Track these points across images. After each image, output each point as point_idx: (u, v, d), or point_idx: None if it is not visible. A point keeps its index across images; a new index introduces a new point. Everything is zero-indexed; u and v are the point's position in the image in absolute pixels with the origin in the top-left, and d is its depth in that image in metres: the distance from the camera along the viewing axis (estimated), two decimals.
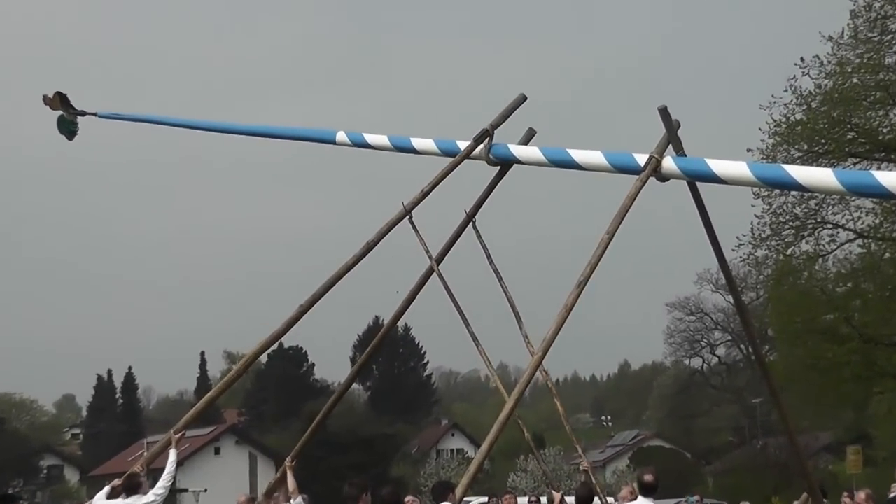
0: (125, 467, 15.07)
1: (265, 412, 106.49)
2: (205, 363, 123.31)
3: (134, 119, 20.04)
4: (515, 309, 14.02)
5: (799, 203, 42.07)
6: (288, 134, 18.01)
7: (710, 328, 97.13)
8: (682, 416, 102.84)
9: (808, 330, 43.89)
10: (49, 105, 19.09)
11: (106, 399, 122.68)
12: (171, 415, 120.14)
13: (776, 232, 42.64)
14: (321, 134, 16.54)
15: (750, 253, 43.15)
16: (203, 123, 19.57)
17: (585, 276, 11.50)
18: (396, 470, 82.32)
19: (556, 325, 11.12)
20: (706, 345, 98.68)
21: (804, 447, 35.51)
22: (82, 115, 19.17)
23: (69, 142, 19.10)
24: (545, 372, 13.30)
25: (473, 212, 14.26)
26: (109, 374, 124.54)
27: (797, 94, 41.48)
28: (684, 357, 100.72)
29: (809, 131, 41.24)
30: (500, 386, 13.40)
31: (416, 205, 13.71)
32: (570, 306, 11.24)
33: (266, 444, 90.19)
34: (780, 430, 41.27)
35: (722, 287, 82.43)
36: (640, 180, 12.26)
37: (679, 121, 12.95)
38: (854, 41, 40.74)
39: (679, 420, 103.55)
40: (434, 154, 14.69)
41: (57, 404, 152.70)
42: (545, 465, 33.33)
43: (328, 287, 13.31)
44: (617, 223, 11.90)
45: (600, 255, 11.65)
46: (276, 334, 13.45)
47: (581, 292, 11.41)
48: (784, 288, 45.14)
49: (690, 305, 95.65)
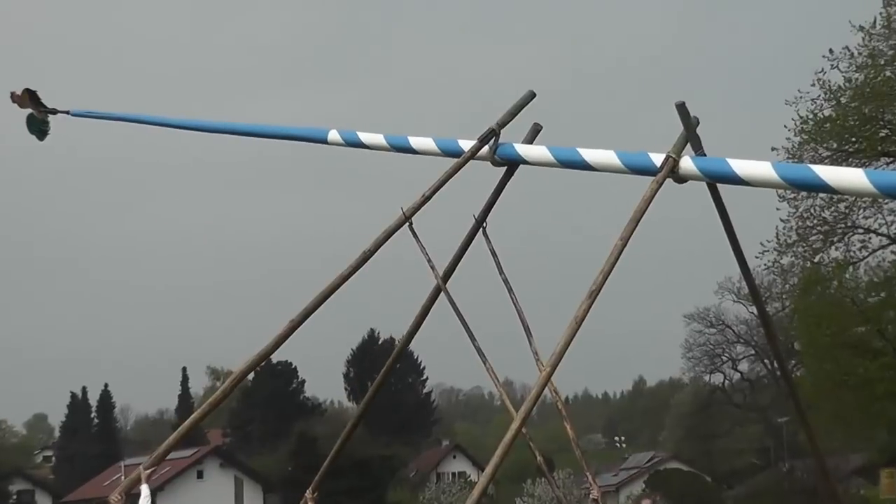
0: (101, 492, 15.04)
1: (252, 432, 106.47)
2: (187, 380, 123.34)
3: (110, 118, 19.97)
4: (525, 322, 13.97)
5: (828, 206, 42.11)
6: (275, 133, 17.98)
7: (731, 341, 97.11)
8: (701, 437, 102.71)
9: (837, 343, 43.91)
10: (17, 103, 19.05)
11: (80, 419, 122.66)
12: (151, 435, 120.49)
13: (803, 237, 42.68)
14: (311, 133, 16.51)
15: (775, 260, 43.27)
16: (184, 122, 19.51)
17: (597, 285, 11.47)
18: (394, 495, 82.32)
19: (566, 338, 11.09)
20: (727, 359, 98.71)
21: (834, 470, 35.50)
22: (53, 113, 19.12)
23: (40, 142, 19.06)
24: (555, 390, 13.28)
25: (483, 217, 14.22)
26: (84, 392, 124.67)
27: (825, 89, 41.55)
28: (704, 373, 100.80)
29: (839, 129, 41.28)
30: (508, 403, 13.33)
31: (416, 211, 13.67)
32: (580, 318, 11.21)
33: (253, 467, 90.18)
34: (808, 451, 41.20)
35: (745, 297, 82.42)
36: (656, 182, 12.23)
37: (698, 117, 12.92)
38: (888, 31, 40.75)
39: (698, 441, 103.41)
40: (434, 154, 14.66)
41: (27, 424, 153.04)
42: (557, 490, 33.26)
43: (321, 300, 13.27)
44: (631, 228, 11.88)
45: (613, 262, 11.62)
46: (264, 352, 13.38)
47: (593, 303, 11.38)
48: (812, 298, 45.16)
49: (711, 317, 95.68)
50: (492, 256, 14.21)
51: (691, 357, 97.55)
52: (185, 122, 19.35)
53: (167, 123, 19.63)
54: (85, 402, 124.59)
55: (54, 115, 19.20)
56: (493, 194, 14.29)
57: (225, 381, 14.72)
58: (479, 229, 14.24)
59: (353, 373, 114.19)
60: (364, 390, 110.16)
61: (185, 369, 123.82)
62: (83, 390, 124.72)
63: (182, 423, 14.93)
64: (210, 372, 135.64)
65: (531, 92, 14.71)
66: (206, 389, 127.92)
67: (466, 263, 14.27)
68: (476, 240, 14.29)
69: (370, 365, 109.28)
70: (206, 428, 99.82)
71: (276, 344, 13.13)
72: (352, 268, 13.31)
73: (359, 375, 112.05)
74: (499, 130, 14.07)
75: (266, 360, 11.48)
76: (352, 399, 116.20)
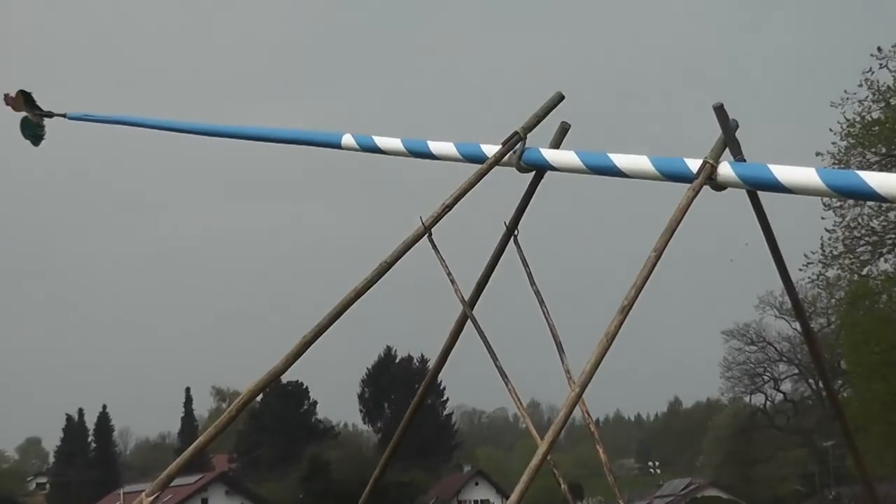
0: None
1: (260, 457, 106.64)
2: (190, 401, 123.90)
3: (109, 121, 20.00)
4: (558, 339, 13.94)
5: (876, 215, 42.05)
6: (284, 137, 17.98)
7: (773, 360, 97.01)
8: (741, 462, 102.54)
9: (887, 362, 43.78)
10: (11, 105, 19.13)
11: (76, 443, 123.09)
12: (152, 461, 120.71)
13: (850, 249, 42.59)
14: (323, 137, 16.52)
15: (820, 273, 43.14)
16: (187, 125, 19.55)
17: (630, 300, 11.45)
18: None
19: (597, 356, 11.07)
20: (769, 379, 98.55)
21: (884, 497, 35.33)
22: (49, 116, 19.15)
23: (35, 147, 19.15)
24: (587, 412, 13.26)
25: (513, 225, 14.20)
26: (80, 414, 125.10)
27: (874, 90, 41.49)
28: (744, 393, 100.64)
29: (888, 132, 41.21)
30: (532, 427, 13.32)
31: (436, 221, 13.68)
32: (612, 335, 11.20)
33: (261, 495, 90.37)
34: (856, 477, 41.15)
35: (787, 312, 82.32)
36: (693, 189, 12.20)
37: (737, 120, 12.92)
38: None
39: (738, 466, 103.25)
40: (455, 160, 14.68)
41: (20, 449, 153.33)
42: None
43: (336, 316, 13.24)
44: (665, 239, 11.85)
45: (646, 276, 11.59)
46: (274, 371, 13.35)
47: (625, 319, 11.37)
48: (859, 313, 45.06)
49: (751, 334, 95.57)
50: (523, 267, 14.20)
51: (730, 377, 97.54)
52: (187, 126, 19.41)
53: (169, 127, 19.68)
54: (81, 424, 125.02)
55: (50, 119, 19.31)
56: (523, 200, 14.29)
57: (232, 403, 14.73)
58: (510, 238, 14.23)
59: (369, 393, 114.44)
60: (380, 411, 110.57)
61: (188, 390, 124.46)
62: (80, 412, 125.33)
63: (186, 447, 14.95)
64: (215, 393, 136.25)
65: (559, 94, 14.69)
66: (212, 411, 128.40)
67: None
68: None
69: (387, 385, 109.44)
70: (210, 453, 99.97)
71: (287, 363, 13.13)
72: (367, 282, 13.31)
73: (374, 396, 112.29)
74: (524, 135, 14.09)
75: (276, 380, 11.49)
76: (367, 421, 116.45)
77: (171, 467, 13.90)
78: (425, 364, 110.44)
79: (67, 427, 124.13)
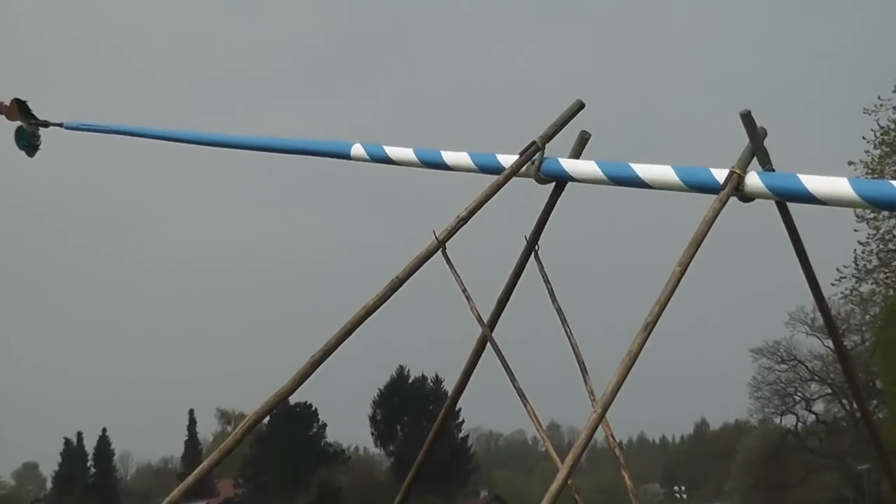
0: None
1: (266, 483, 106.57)
2: (194, 423, 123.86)
3: (108, 131, 20.05)
4: (580, 358, 13.94)
5: None
6: (292, 147, 18.02)
7: (804, 379, 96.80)
8: (771, 487, 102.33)
9: None
10: (5, 114, 19.16)
11: (75, 468, 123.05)
12: (154, 486, 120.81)
13: (885, 262, 42.54)
14: (332, 147, 16.53)
15: (853, 288, 43.14)
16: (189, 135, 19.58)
17: (654, 316, 11.45)
18: None
19: (619, 375, 11.06)
20: (800, 399, 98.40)
21: None
22: (45, 125, 19.20)
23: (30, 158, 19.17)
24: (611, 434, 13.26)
25: (534, 239, 14.18)
26: (79, 438, 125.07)
27: None
28: (774, 414, 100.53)
29: None
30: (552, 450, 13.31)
31: (450, 235, 13.68)
32: (635, 353, 11.19)
33: None
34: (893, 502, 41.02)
35: (819, 329, 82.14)
36: (719, 201, 12.20)
37: (765, 128, 12.92)
38: None
39: (768, 491, 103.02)
40: (470, 171, 14.68)
41: (16, 474, 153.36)
42: None
43: (346, 334, 13.25)
44: (691, 253, 11.85)
45: (671, 291, 11.59)
46: (281, 392, 13.36)
47: (648, 336, 11.36)
48: (895, 330, 44.98)
49: (781, 352, 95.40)
50: (544, 283, 14.16)
51: (760, 397, 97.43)
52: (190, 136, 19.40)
53: (170, 137, 19.67)
54: (80, 449, 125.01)
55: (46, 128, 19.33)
56: (543, 213, 14.25)
57: (237, 425, 14.71)
58: (531, 253, 14.18)
59: (381, 415, 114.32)
60: (393, 434, 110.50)
61: (192, 412, 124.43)
62: (78, 436, 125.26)
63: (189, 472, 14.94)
64: (220, 415, 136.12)
65: (579, 102, 14.66)
66: (216, 434, 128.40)
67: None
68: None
69: (400, 406, 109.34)
70: (215, 478, 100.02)
71: (295, 383, 13.12)
72: (379, 298, 13.29)
73: (387, 418, 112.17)
74: (543, 145, 14.07)
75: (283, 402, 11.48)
76: (379, 445, 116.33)
77: (173, 493, 13.91)
78: (440, 384, 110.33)
79: (66, 451, 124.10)
